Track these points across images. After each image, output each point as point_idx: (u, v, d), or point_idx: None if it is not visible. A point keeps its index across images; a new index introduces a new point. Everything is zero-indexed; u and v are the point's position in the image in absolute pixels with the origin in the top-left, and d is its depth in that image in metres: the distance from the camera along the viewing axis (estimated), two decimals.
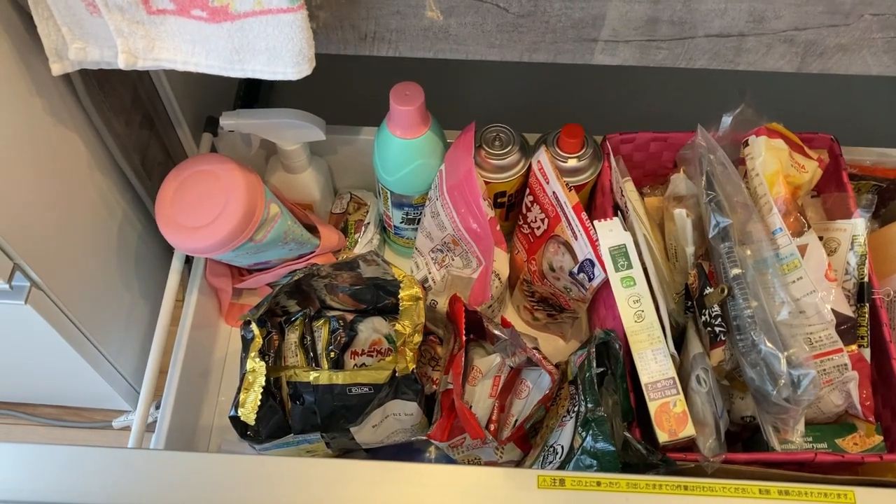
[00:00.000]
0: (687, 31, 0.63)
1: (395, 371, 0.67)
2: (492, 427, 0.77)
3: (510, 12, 0.63)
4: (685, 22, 0.63)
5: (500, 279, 0.83)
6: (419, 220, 0.86)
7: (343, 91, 1.01)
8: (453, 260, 0.81)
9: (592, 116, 1.01)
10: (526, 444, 0.75)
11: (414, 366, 0.68)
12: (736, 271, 0.68)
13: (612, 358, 0.69)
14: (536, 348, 0.81)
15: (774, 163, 0.73)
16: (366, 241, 0.90)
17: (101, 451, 0.57)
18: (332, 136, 0.90)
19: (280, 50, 0.58)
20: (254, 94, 1.08)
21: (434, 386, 0.78)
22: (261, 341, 0.71)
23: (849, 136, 0.90)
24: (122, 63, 0.59)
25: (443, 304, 0.84)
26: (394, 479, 0.53)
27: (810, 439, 0.71)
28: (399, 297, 0.71)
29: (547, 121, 0.85)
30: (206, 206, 0.74)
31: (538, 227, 0.82)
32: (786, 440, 0.70)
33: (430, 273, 0.83)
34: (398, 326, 0.69)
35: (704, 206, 0.72)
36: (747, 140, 0.76)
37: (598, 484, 0.54)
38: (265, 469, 0.56)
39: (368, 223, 0.91)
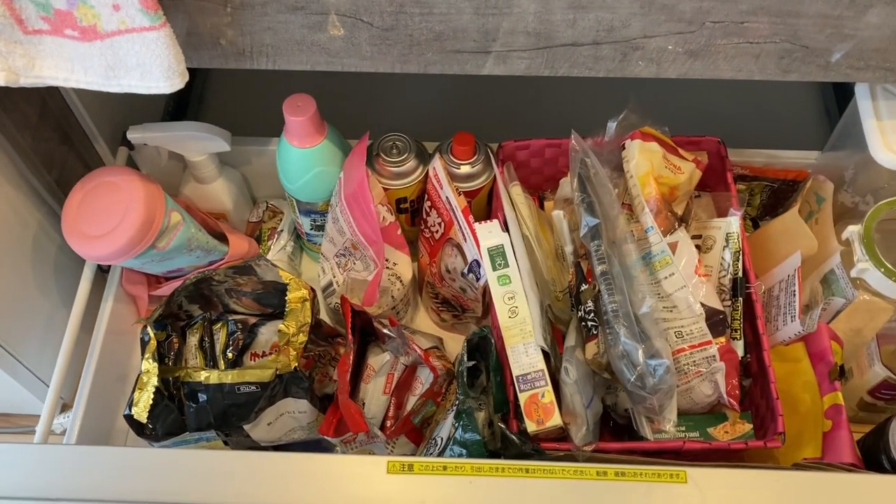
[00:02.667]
0: (543, 42, 0.67)
1: (277, 370, 0.70)
2: (388, 423, 0.80)
3: (375, 26, 0.66)
4: (540, 33, 0.66)
5: (401, 282, 0.86)
6: None
7: (273, 103, 1.04)
8: (355, 264, 0.85)
9: (497, 124, 1.06)
10: (419, 437, 0.78)
11: (296, 364, 0.71)
12: (602, 268, 0.72)
13: (488, 352, 0.72)
14: (437, 347, 0.85)
15: (646, 164, 0.77)
16: (278, 248, 0.93)
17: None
18: (245, 147, 0.94)
19: (150, 66, 0.62)
20: (182, 109, 1.12)
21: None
22: (155, 343, 0.74)
23: (743, 139, 0.93)
24: (2, 81, 0.63)
25: None
26: (246, 468, 0.56)
27: (683, 428, 0.74)
28: (286, 298, 0.74)
29: (457, 129, 0.88)
30: (108, 215, 0.77)
31: (436, 231, 0.86)
32: (660, 430, 0.73)
33: (334, 277, 0.87)
34: (282, 326, 0.72)
35: (576, 207, 0.75)
36: (624, 144, 0.79)
37: (444, 468, 0.57)
38: (140, 461, 0.59)
39: (282, 230, 0.94)
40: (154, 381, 0.72)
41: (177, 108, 1.11)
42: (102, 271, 0.91)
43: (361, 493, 0.56)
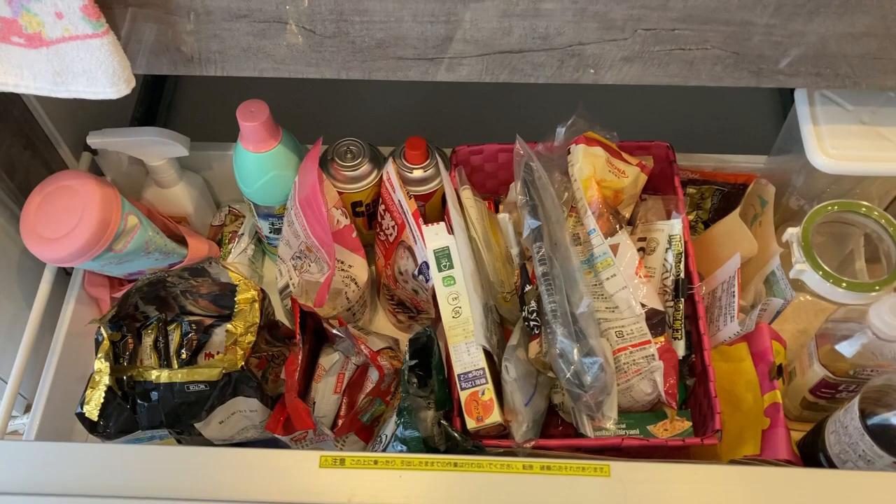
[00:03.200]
0: (481, 49, 0.69)
1: (224, 369, 0.72)
2: (339, 422, 0.82)
3: (317, 34, 0.68)
4: (478, 40, 0.68)
5: (356, 284, 0.88)
6: None
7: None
8: (310, 266, 0.86)
9: (454, 129, 1.08)
10: (369, 436, 0.80)
11: (243, 363, 0.72)
12: (542, 269, 0.73)
13: (431, 351, 0.74)
14: (391, 347, 0.86)
15: (589, 168, 0.78)
16: (239, 251, 0.95)
17: None
18: (207, 152, 0.96)
19: (95, 72, 0.64)
20: (151, 115, 1.14)
21: None
22: (108, 343, 0.76)
23: (699, 144, 0.95)
24: None
25: None
26: (179, 462, 0.58)
27: (624, 426, 0.76)
28: (236, 299, 0.76)
29: (414, 134, 0.90)
30: (65, 218, 0.79)
31: (390, 234, 0.88)
32: (601, 427, 0.75)
33: (291, 279, 0.88)
34: (229, 326, 0.74)
35: (519, 209, 0.77)
36: (569, 148, 0.81)
37: (375, 462, 0.58)
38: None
39: (242, 234, 0.96)
40: (106, 380, 0.74)
41: (145, 114, 1.13)
42: (66, 273, 0.93)
43: (294, 487, 0.58)
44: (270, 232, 0.92)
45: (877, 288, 0.77)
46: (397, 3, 0.65)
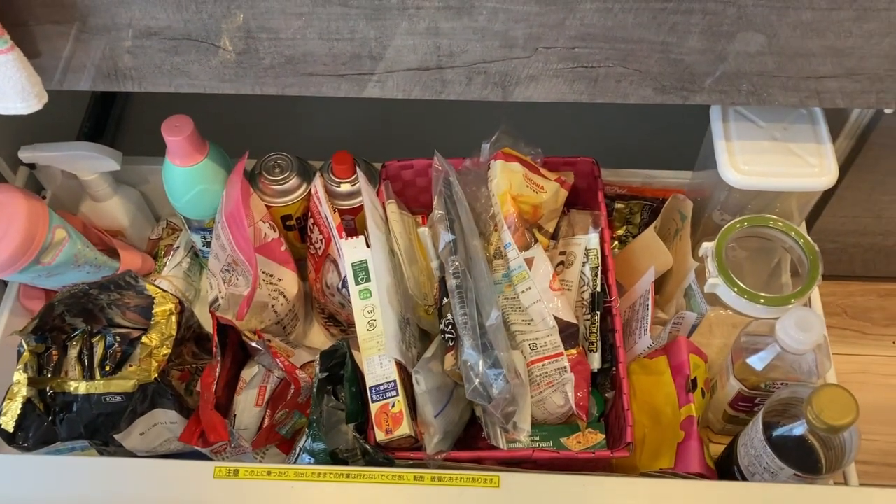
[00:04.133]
0: (391, 66, 0.70)
1: (138, 381, 0.73)
2: (259, 435, 0.82)
3: (227, 50, 0.69)
4: (386, 57, 0.69)
5: (285, 297, 0.89)
6: None
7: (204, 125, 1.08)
8: (237, 279, 0.87)
9: (387, 144, 1.09)
10: (289, 449, 0.80)
11: (157, 375, 0.73)
12: (456, 282, 0.74)
13: (344, 364, 0.74)
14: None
15: (505, 184, 0.80)
16: (174, 265, 0.96)
17: None
18: (142, 166, 0.97)
19: (4, 88, 0.65)
20: (99, 131, 1.15)
21: None
22: (29, 355, 0.77)
23: (630, 160, 0.97)
24: None
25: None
26: (72, 472, 0.59)
27: (537, 438, 0.77)
28: (153, 311, 0.77)
29: (346, 148, 0.90)
30: None
31: (319, 248, 0.89)
32: (514, 440, 0.76)
33: (220, 293, 0.89)
34: (144, 339, 0.75)
35: (437, 224, 0.78)
36: (489, 164, 0.82)
37: (269, 473, 0.59)
38: None
39: (178, 247, 0.97)
40: (24, 391, 0.74)
41: (92, 130, 1.14)
42: (4, 285, 0.94)
43: (187, 498, 0.59)
44: (203, 245, 0.93)
45: (792, 301, 0.78)
46: (301, 20, 0.66)
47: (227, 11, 0.66)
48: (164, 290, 0.78)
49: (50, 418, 0.76)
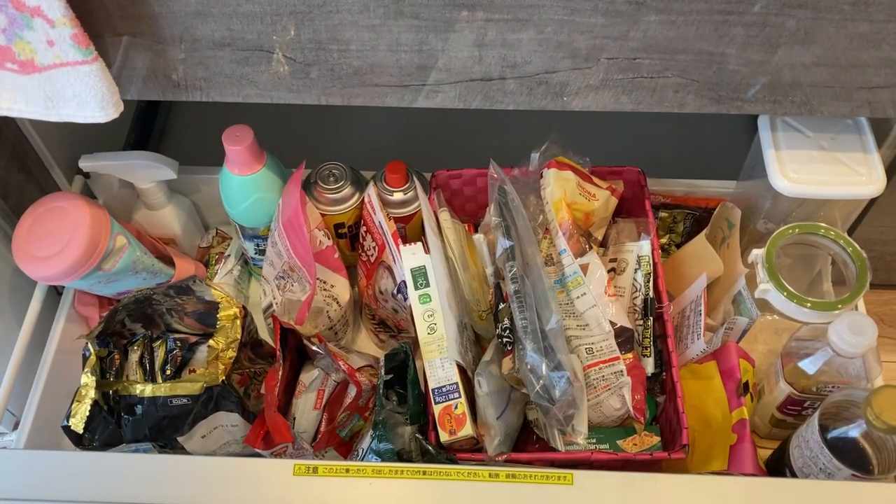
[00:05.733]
0: (454, 77, 0.72)
1: (206, 383, 0.74)
2: (319, 437, 0.84)
3: (297, 62, 0.72)
4: (451, 69, 0.72)
5: (338, 303, 0.91)
6: None
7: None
8: (293, 286, 0.89)
9: (435, 154, 1.11)
10: (348, 451, 0.82)
11: (224, 377, 0.75)
12: (514, 287, 0.76)
13: (407, 367, 0.76)
14: (371, 365, 0.89)
15: (559, 192, 0.82)
16: (225, 272, 0.98)
17: None
18: (195, 175, 0.99)
19: (85, 97, 0.67)
20: (144, 140, 1.17)
21: None
22: (95, 359, 0.78)
23: (672, 169, 0.99)
24: None
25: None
26: (156, 470, 0.60)
27: (594, 441, 0.78)
28: (218, 316, 0.78)
29: (397, 158, 0.93)
30: (56, 238, 0.82)
31: (372, 255, 0.90)
32: (572, 442, 0.77)
33: (274, 299, 0.91)
34: (211, 342, 0.76)
35: (493, 230, 0.80)
36: (542, 173, 0.84)
37: (347, 471, 0.61)
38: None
39: (229, 255, 0.99)
40: (92, 393, 0.76)
41: (138, 139, 1.16)
42: (57, 293, 0.96)
43: (268, 495, 0.60)
44: (255, 253, 0.95)
45: (839, 307, 0.79)
46: (372, 33, 0.68)
47: (300, 23, 0.68)
48: (229, 295, 0.80)
49: (114, 420, 0.78)
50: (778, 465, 0.80)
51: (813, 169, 0.80)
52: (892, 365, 1.03)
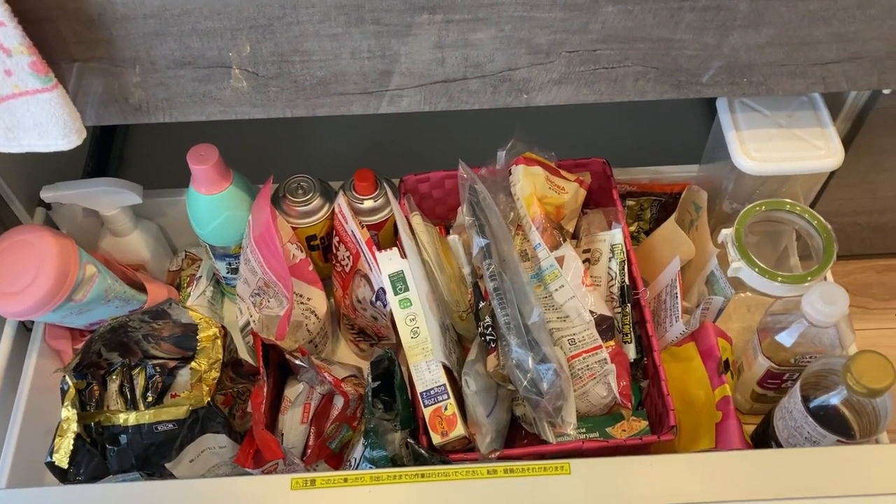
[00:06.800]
0: (418, 80, 0.73)
1: (191, 405, 0.73)
2: (309, 451, 0.83)
3: (260, 76, 0.71)
4: (414, 72, 0.72)
5: (316, 315, 0.90)
6: None
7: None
8: (269, 301, 0.88)
9: (401, 159, 1.11)
10: (339, 462, 0.81)
11: (209, 399, 0.74)
12: (494, 284, 0.77)
13: (393, 373, 0.76)
14: (355, 375, 0.88)
15: (529, 187, 0.82)
16: (198, 294, 0.97)
17: None
18: (159, 199, 0.98)
19: (47, 125, 0.66)
20: (102, 167, 1.15)
21: None
22: (74, 392, 0.77)
23: (635, 158, 1.00)
24: None
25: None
26: (152, 497, 0.59)
27: (583, 430, 0.79)
28: (198, 337, 0.77)
29: (363, 166, 0.92)
30: (22, 272, 0.80)
31: (346, 265, 0.90)
32: (562, 433, 0.78)
33: (251, 316, 0.90)
34: (194, 364, 0.76)
35: (468, 230, 0.80)
36: (510, 170, 0.85)
37: (345, 480, 0.60)
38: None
39: (200, 276, 0.98)
40: (74, 427, 0.75)
41: (97, 166, 1.14)
42: (27, 329, 0.94)
43: None
44: (228, 272, 0.94)
45: (809, 279, 0.81)
46: (334, 41, 0.68)
47: (261, 37, 0.67)
48: (207, 316, 0.79)
49: (98, 452, 0.76)
50: (763, 439, 0.82)
51: (773, 146, 0.81)
52: (862, 333, 1.06)
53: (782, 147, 0.81)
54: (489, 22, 0.68)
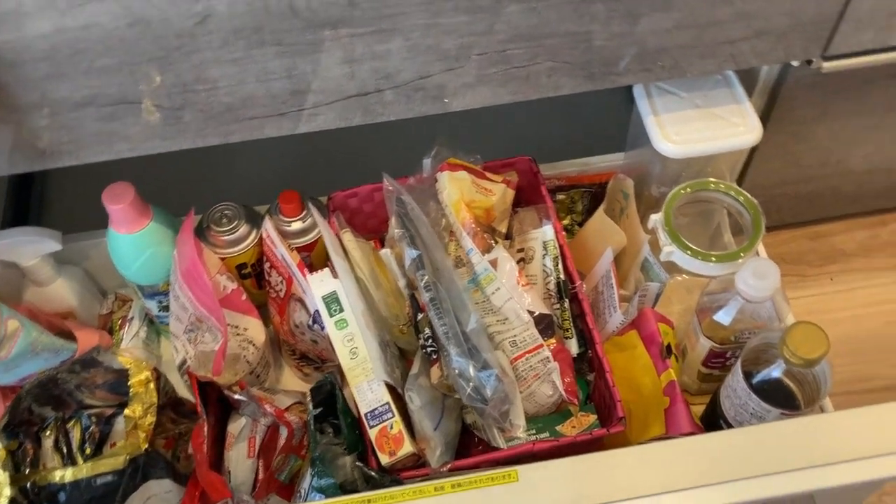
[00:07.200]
0: (331, 97, 0.71)
1: (129, 455, 0.71)
2: (258, 486, 0.81)
3: (166, 108, 0.69)
4: (325, 89, 0.71)
5: (254, 345, 0.88)
6: None
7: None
8: (204, 336, 0.86)
9: (330, 176, 1.10)
10: (290, 494, 0.80)
11: (146, 445, 0.72)
12: (429, 295, 0.76)
13: (335, 397, 0.74)
14: (301, 402, 0.86)
15: (456, 193, 0.81)
16: (131, 336, 0.94)
17: None
18: (81, 242, 0.94)
19: None
20: (23, 215, 1.11)
21: None
22: (5, 453, 0.73)
23: (560, 152, 1.00)
24: None
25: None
26: None
27: (533, 431, 0.79)
28: (129, 383, 0.75)
29: (289, 188, 0.91)
30: None
31: (280, 290, 0.88)
32: (513, 437, 0.77)
33: (187, 353, 0.88)
34: (127, 411, 0.73)
35: (398, 242, 0.79)
36: (436, 177, 0.84)
37: None
38: None
39: (132, 318, 0.95)
40: (7, 491, 0.71)
41: (15, 215, 1.11)
42: None
43: None
44: (160, 310, 0.92)
45: (741, 255, 0.82)
46: (237, 66, 0.66)
47: (162, 69, 0.65)
48: (137, 359, 0.76)
49: None
50: (713, 419, 0.82)
51: (693, 128, 0.82)
52: (800, 301, 1.07)
53: (701, 127, 0.82)
54: (395, 32, 0.67)
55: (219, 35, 0.64)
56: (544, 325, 0.78)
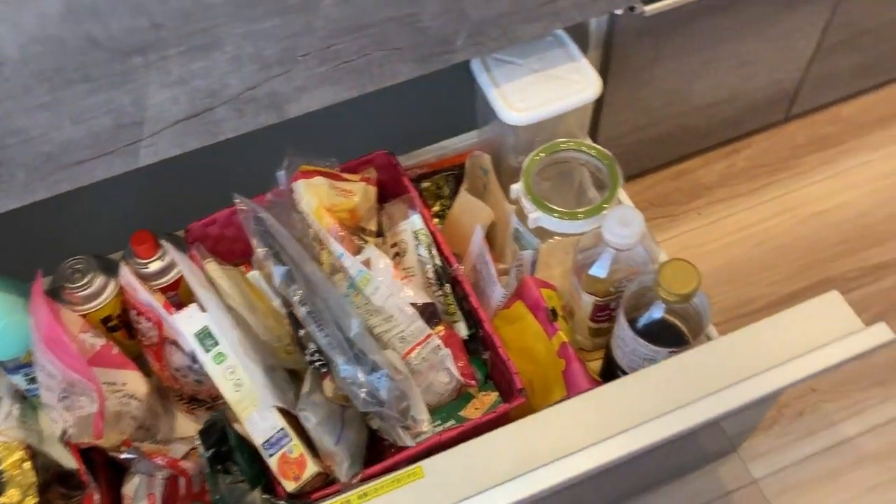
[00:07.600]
0: (159, 125, 0.68)
1: None
2: None
3: None
4: (151, 118, 0.67)
5: (136, 399, 0.83)
6: None
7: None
8: (80, 400, 0.81)
9: (185, 207, 1.05)
10: None
11: None
12: (306, 309, 0.73)
13: (227, 434, 0.71)
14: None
15: (315, 200, 0.79)
16: (3, 416, 0.87)
17: None
18: None
19: None
20: None
21: None
22: None
23: (419, 139, 0.99)
24: None
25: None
26: None
27: (438, 422, 0.77)
28: (1, 468, 0.69)
29: (147, 225, 0.86)
30: None
31: (152, 336, 0.84)
32: (420, 433, 0.76)
33: (66, 422, 0.82)
34: (3, 499, 0.68)
35: (264, 262, 0.76)
36: (291, 188, 0.82)
37: None
38: None
39: (1, 397, 0.88)
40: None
41: None
42: None
43: None
44: (28, 384, 0.86)
45: (605, 206, 0.83)
46: (46, 111, 0.62)
47: None
48: (5, 442, 0.71)
49: None
50: (610, 371, 0.83)
51: (535, 92, 0.82)
52: (672, 241, 1.11)
53: (543, 91, 0.82)
54: (209, 47, 0.64)
55: (18, 82, 0.59)
56: (429, 313, 0.77)
